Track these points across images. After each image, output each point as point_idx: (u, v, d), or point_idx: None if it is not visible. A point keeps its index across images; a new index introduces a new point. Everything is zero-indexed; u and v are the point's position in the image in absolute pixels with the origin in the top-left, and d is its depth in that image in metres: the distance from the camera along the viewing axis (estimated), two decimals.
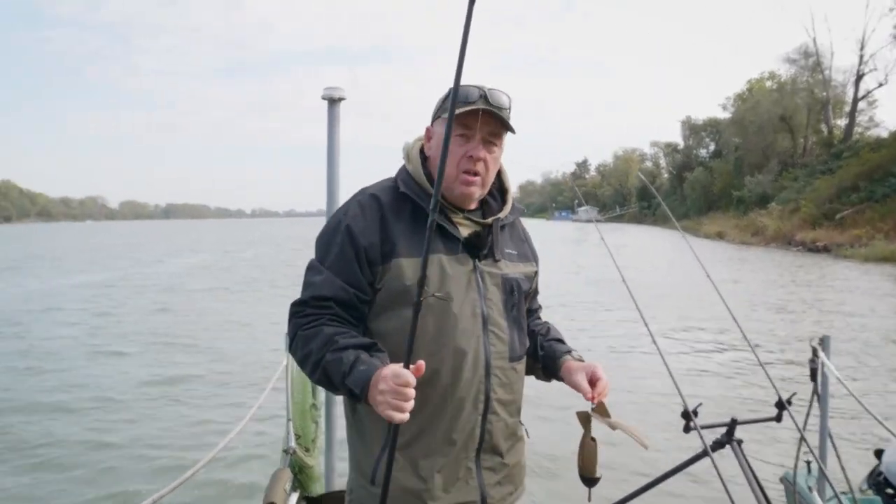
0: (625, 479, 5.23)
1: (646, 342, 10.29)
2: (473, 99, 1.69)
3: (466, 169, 1.73)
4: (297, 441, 3.12)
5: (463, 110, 1.67)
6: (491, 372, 1.75)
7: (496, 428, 1.78)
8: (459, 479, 1.74)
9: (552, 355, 1.94)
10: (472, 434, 1.74)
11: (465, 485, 1.75)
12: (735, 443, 3.02)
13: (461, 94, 1.69)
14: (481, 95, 1.70)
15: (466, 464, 1.75)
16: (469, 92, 1.69)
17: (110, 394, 9.00)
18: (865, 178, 40.09)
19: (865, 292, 19.59)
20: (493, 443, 1.79)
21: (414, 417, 1.66)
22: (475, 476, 1.76)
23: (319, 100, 3.25)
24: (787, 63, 63.06)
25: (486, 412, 1.75)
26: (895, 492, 3.77)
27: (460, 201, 1.79)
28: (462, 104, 1.67)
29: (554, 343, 1.98)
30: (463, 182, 1.74)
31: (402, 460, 1.70)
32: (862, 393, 8.59)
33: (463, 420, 1.72)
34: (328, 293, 1.68)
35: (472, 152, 1.71)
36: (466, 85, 1.70)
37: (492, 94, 1.70)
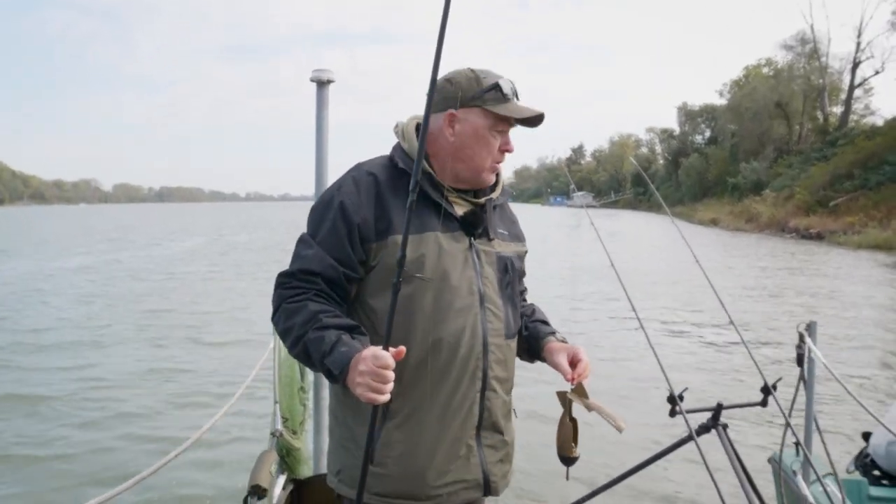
0: (610, 463, 5.28)
1: (634, 327, 10.36)
2: (507, 92, 1.73)
3: (499, 160, 1.79)
4: (284, 423, 3.11)
5: (525, 115, 1.73)
6: (488, 349, 1.75)
7: (495, 405, 1.79)
8: (460, 456, 1.73)
9: (535, 336, 1.94)
10: (470, 411, 1.73)
11: (466, 462, 1.74)
12: (720, 427, 3.03)
13: (506, 85, 1.73)
14: (513, 90, 1.74)
15: (467, 441, 1.74)
16: (508, 86, 1.73)
17: (98, 374, 9.02)
18: (860, 166, 40.18)
19: (857, 279, 19.69)
20: (493, 420, 1.79)
21: (412, 394, 1.69)
22: (476, 454, 1.76)
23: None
24: (784, 50, 63.15)
25: (485, 389, 1.75)
26: (882, 473, 3.81)
27: (479, 185, 1.82)
28: (506, 95, 1.72)
29: (538, 324, 1.98)
30: (491, 171, 1.79)
31: (401, 438, 1.70)
32: (850, 378, 8.67)
33: (461, 396, 1.72)
34: (316, 268, 1.67)
35: (505, 146, 1.77)
36: (499, 77, 1.74)
37: (517, 89, 1.76)
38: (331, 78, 3.23)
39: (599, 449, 5.67)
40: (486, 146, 1.73)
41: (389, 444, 1.70)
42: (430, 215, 1.71)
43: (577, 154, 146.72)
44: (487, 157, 1.75)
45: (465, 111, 1.73)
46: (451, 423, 1.71)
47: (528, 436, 6.31)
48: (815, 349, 3.19)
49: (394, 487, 1.70)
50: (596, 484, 3.59)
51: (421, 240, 1.69)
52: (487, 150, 1.74)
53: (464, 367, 1.71)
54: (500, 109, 1.70)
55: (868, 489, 3.64)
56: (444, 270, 1.69)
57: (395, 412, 1.70)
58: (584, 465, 5.50)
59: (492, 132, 1.73)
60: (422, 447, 1.69)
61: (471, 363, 1.72)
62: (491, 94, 1.71)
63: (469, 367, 1.72)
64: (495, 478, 1.80)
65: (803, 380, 3.27)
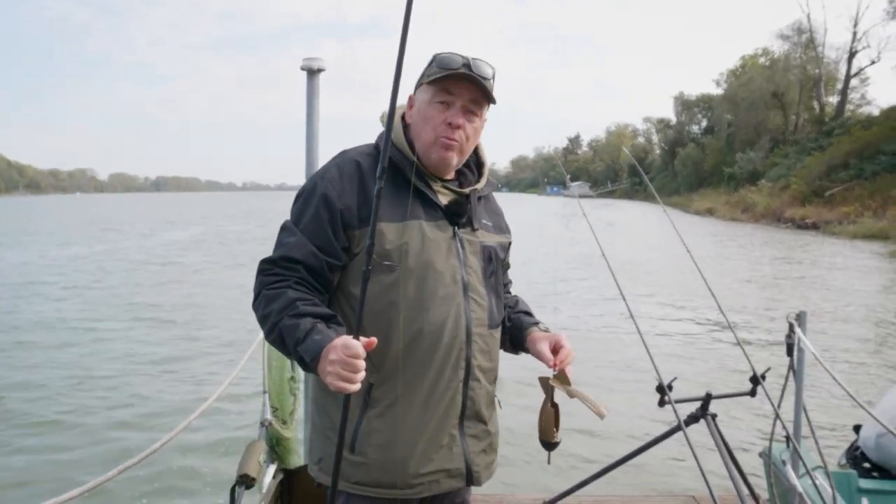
0: (600, 452, 5.29)
1: (625, 316, 10.40)
2: (456, 66, 1.68)
3: (445, 135, 1.72)
4: (273, 413, 3.11)
5: (444, 74, 1.68)
6: (471, 338, 1.74)
7: (478, 395, 1.78)
8: (443, 445, 1.73)
9: (519, 327, 1.93)
10: (453, 400, 1.73)
11: (448, 452, 1.74)
12: (709, 417, 3.04)
13: (444, 61, 1.69)
14: (464, 63, 1.68)
15: (450, 430, 1.73)
16: (452, 59, 1.69)
17: (85, 362, 9.06)
18: (856, 156, 40.23)
19: (851, 269, 19.74)
20: (476, 410, 1.78)
21: (394, 383, 1.68)
22: (459, 443, 1.75)
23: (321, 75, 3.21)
24: (780, 39, 63.05)
25: (468, 378, 1.74)
26: (872, 465, 3.83)
27: (438, 168, 1.77)
28: (445, 69, 1.68)
29: (521, 315, 1.97)
30: (441, 146, 1.72)
31: (382, 427, 1.69)
32: (842, 368, 8.71)
33: (443, 385, 1.71)
34: (298, 256, 1.66)
35: (451, 119, 1.70)
36: (451, 53, 1.71)
37: (475, 63, 1.69)
38: (321, 67, 3.22)
39: (589, 439, 5.69)
40: (427, 120, 1.72)
41: (370, 432, 1.69)
42: (415, 204, 1.71)
43: (573, 144, 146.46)
44: (430, 131, 1.72)
45: (418, 90, 1.77)
46: (434, 413, 1.70)
47: (522, 426, 6.36)
48: (805, 339, 3.19)
49: (374, 476, 1.69)
50: (586, 473, 3.61)
51: (405, 228, 1.68)
52: (428, 123, 1.72)
53: (447, 357, 1.70)
54: (433, 78, 1.70)
55: (858, 481, 3.65)
56: (427, 259, 1.68)
57: (376, 401, 1.69)
58: (573, 454, 5.55)
59: (432, 105, 1.71)
60: (403, 436, 1.69)
61: (454, 352, 1.71)
62: (431, 68, 1.72)
63: (452, 356, 1.71)
64: (478, 468, 1.79)
65: (793, 370, 3.27)
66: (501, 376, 1.91)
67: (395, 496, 1.71)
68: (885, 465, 3.78)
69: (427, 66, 1.74)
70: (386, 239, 1.65)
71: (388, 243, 1.65)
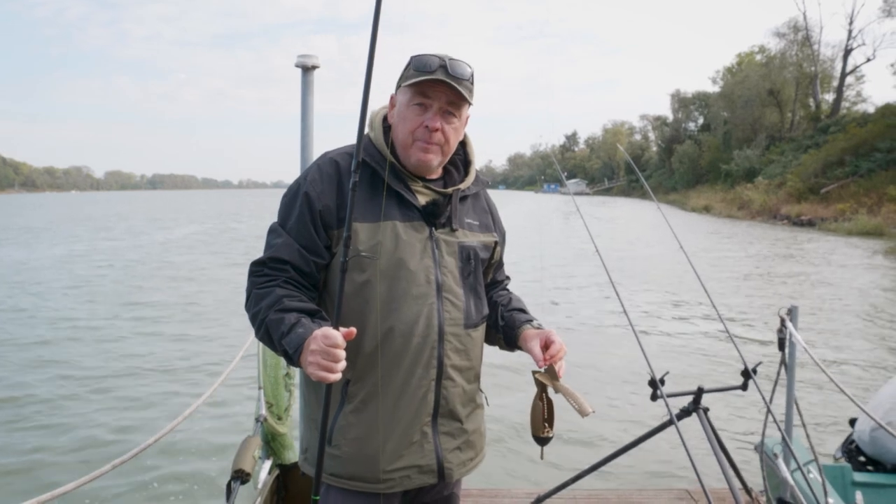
0: (593, 447, 5.32)
1: (619, 311, 10.48)
2: (433, 68, 1.69)
3: (422, 138, 1.74)
4: (269, 409, 3.13)
5: (420, 79, 1.69)
6: (444, 338, 1.76)
7: (452, 393, 1.80)
8: (414, 442, 1.76)
9: (512, 325, 1.94)
10: (425, 398, 1.76)
11: (419, 448, 1.77)
12: (701, 411, 3.06)
13: (420, 64, 1.70)
14: (441, 65, 1.69)
15: (422, 428, 1.77)
16: (429, 61, 1.70)
17: (80, 359, 9.08)
18: (851, 153, 40.27)
19: (845, 266, 19.79)
20: (450, 408, 1.81)
21: (367, 380, 1.72)
22: (431, 440, 1.78)
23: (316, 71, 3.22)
24: (776, 37, 63.09)
25: (441, 377, 1.77)
26: (867, 459, 3.86)
27: (418, 169, 1.79)
28: (421, 73, 1.69)
29: (515, 313, 1.98)
30: (419, 149, 1.75)
31: (355, 422, 1.74)
32: (837, 364, 8.74)
33: (414, 384, 1.74)
34: (286, 256, 1.70)
35: (428, 122, 1.72)
36: (428, 54, 1.71)
37: (452, 65, 1.70)
38: (315, 63, 3.23)
39: (582, 434, 5.72)
40: (405, 121, 1.74)
41: (345, 427, 1.74)
42: (391, 204, 1.74)
43: (570, 141, 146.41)
44: (407, 133, 1.74)
45: (398, 92, 1.79)
46: (405, 410, 1.74)
47: (516, 421, 6.40)
48: (796, 333, 3.21)
49: (347, 469, 1.75)
50: (580, 468, 3.63)
51: (378, 228, 1.71)
52: (406, 125, 1.74)
53: (417, 355, 1.73)
54: (409, 82, 1.71)
55: (852, 475, 3.67)
56: (399, 259, 1.71)
57: (352, 396, 1.74)
58: (567, 449, 5.56)
59: (410, 107, 1.73)
60: (375, 432, 1.73)
61: (425, 351, 1.74)
62: (409, 70, 1.73)
63: (423, 355, 1.74)
64: (450, 464, 1.81)
65: (784, 364, 3.29)
66: (500, 371, 1.92)
67: (367, 489, 1.75)
68: (880, 459, 3.81)
69: (405, 68, 1.75)
70: (359, 239, 1.69)
71: (361, 243, 1.69)
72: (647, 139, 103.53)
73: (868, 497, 3.61)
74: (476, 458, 1.92)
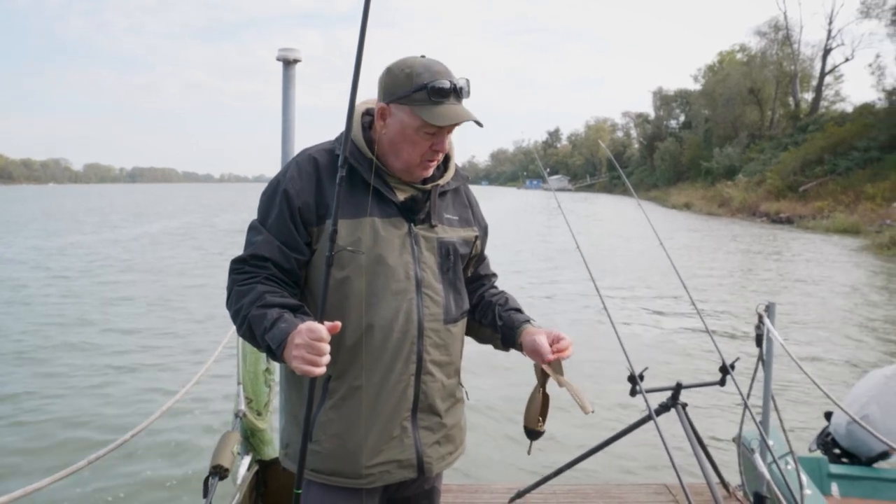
0: (572, 443, 5.34)
1: (598, 307, 10.56)
2: (447, 90, 1.67)
3: (430, 159, 1.76)
4: (248, 404, 3.11)
5: (446, 123, 1.66)
6: (424, 333, 1.77)
7: (432, 388, 1.81)
8: (394, 437, 1.77)
9: (510, 325, 1.94)
10: (404, 394, 1.76)
11: (399, 443, 1.77)
12: (680, 406, 3.09)
13: (435, 90, 1.66)
14: (452, 89, 1.68)
15: (402, 423, 1.77)
16: (442, 85, 1.66)
17: (60, 354, 9.01)
18: (829, 152, 40.74)
19: (823, 263, 20.04)
20: (430, 403, 1.81)
21: (346, 376, 1.73)
22: (411, 435, 1.79)
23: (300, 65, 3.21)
24: (757, 36, 63.68)
25: (420, 372, 1.78)
26: (842, 451, 3.92)
27: (413, 180, 1.81)
28: (435, 99, 1.66)
29: (512, 313, 1.98)
30: (423, 169, 1.77)
31: (335, 417, 1.74)
32: (813, 359, 8.85)
33: (394, 379, 1.75)
34: (267, 253, 1.71)
35: (437, 146, 1.73)
36: (437, 79, 1.66)
37: (459, 86, 1.70)
38: (297, 57, 3.21)
39: (562, 429, 5.74)
40: (412, 145, 1.72)
41: (326, 423, 1.75)
42: (370, 201, 1.74)
43: (553, 138, 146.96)
44: (416, 156, 1.73)
45: (396, 107, 1.72)
46: (385, 405, 1.75)
47: (497, 418, 6.43)
48: (773, 330, 3.25)
49: (328, 465, 1.76)
50: (560, 463, 3.65)
51: (357, 224, 1.71)
52: (414, 149, 1.72)
53: (397, 351, 1.74)
54: (424, 114, 1.67)
55: (828, 467, 3.73)
56: (379, 255, 1.72)
57: (332, 392, 1.75)
58: (547, 444, 5.58)
59: (419, 133, 1.70)
60: (355, 427, 1.73)
61: (405, 347, 1.74)
62: (420, 94, 1.67)
63: (403, 350, 1.74)
64: (430, 459, 1.82)
65: (762, 360, 3.33)
66: (481, 367, 1.93)
67: (348, 485, 1.76)
68: (855, 452, 3.87)
69: (414, 89, 1.67)
70: (340, 235, 1.68)
71: (342, 239, 1.68)
72: (629, 136, 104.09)
73: (843, 488, 3.68)
74: (455, 452, 1.93)
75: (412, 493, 1.92)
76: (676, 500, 3.77)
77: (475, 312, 2.01)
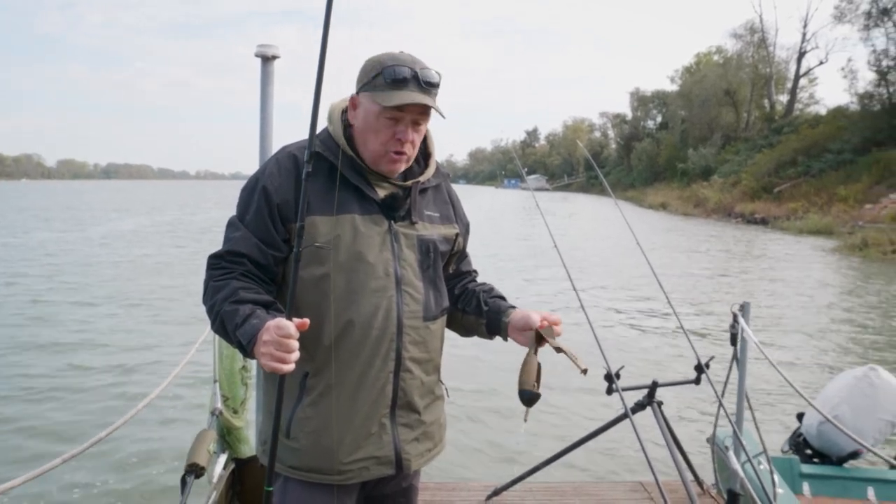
0: (549, 441, 5.37)
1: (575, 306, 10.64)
2: (405, 77, 1.68)
3: (394, 149, 1.74)
4: (224, 402, 3.10)
5: (397, 103, 1.67)
6: (403, 330, 1.77)
7: (411, 385, 1.81)
8: (372, 434, 1.77)
9: (497, 310, 1.95)
10: (383, 390, 1.77)
11: (378, 440, 1.78)
12: (655, 404, 3.12)
13: (392, 76, 1.67)
14: (413, 76, 1.68)
15: (380, 420, 1.78)
16: (400, 72, 1.68)
17: (35, 352, 8.89)
18: (803, 154, 41.30)
19: (796, 263, 20.30)
20: (408, 400, 1.82)
21: (325, 373, 1.73)
22: (389, 432, 1.79)
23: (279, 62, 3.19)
24: (733, 38, 64.34)
25: (399, 369, 1.78)
26: (813, 452, 3.98)
27: (385, 174, 1.80)
28: (393, 83, 1.67)
29: (498, 300, 2.00)
30: (390, 161, 1.76)
31: (313, 414, 1.74)
32: (787, 359, 8.97)
33: (372, 376, 1.75)
34: (243, 250, 1.71)
35: (400, 136, 1.73)
36: (397, 62, 1.69)
37: (423, 73, 1.69)
38: (275, 54, 3.20)
39: (538, 427, 5.77)
40: (375, 133, 1.73)
41: (304, 419, 1.75)
42: (350, 198, 1.74)
43: (531, 137, 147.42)
44: (379, 145, 1.74)
45: (363, 96, 1.74)
46: (364, 402, 1.75)
47: (475, 418, 6.44)
48: (748, 329, 3.29)
49: (306, 461, 1.76)
50: (536, 461, 3.67)
51: (337, 221, 1.71)
52: (377, 137, 1.73)
53: (376, 348, 1.74)
54: (382, 99, 1.68)
55: (800, 467, 3.79)
56: (358, 252, 1.72)
57: (310, 389, 1.75)
58: (523, 442, 5.60)
59: (380, 119, 1.71)
60: (333, 424, 1.73)
61: (383, 344, 1.75)
62: (378, 80, 1.69)
63: (382, 347, 1.75)
64: (408, 455, 1.83)
65: (736, 359, 3.37)
66: (461, 365, 1.93)
67: (326, 481, 1.76)
68: (826, 452, 3.93)
69: (374, 74, 1.71)
70: (318, 232, 1.69)
71: (321, 236, 1.69)
72: (606, 136, 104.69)
73: (815, 488, 3.73)
74: (434, 449, 1.94)
75: (390, 491, 1.92)
76: (652, 498, 3.80)
77: (458, 302, 2.01)
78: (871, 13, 41.58)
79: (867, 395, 3.80)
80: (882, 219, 27.45)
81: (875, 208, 30.15)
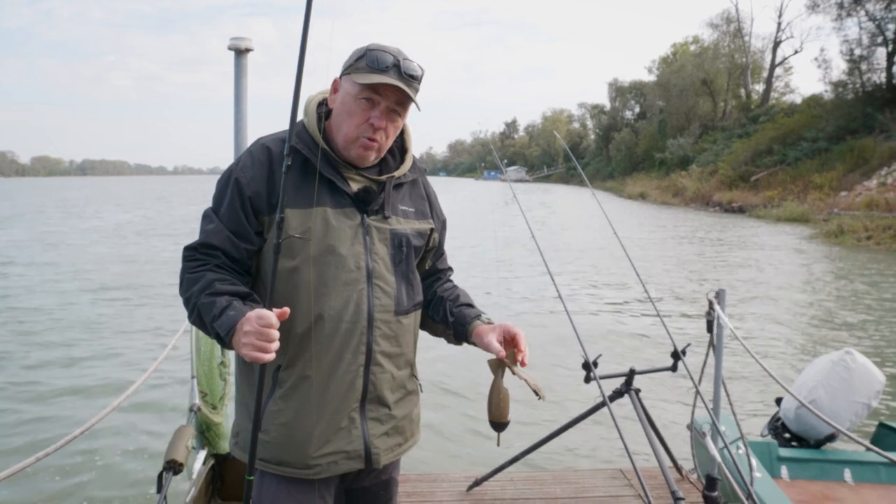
0: (528, 430, 5.40)
1: (553, 295, 10.71)
2: (386, 65, 1.69)
3: (366, 135, 1.74)
4: (203, 398, 3.08)
5: (375, 82, 1.68)
6: (373, 324, 1.77)
7: (381, 380, 1.81)
8: (342, 428, 1.77)
9: (462, 321, 1.94)
10: (352, 384, 1.76)
11: (347, 434, 1.77)
12: (633, 392, 3.15)
13: (374, 61, 1.69)
14: (394, 64, 1.69)
15: (350, 413, 1.77)
16: (383, 57, 1.69)
17: (12, 347, 8.82)
18: (779, 142, 41.70)
19: (774, 251, 20.53)
20: (378, 394, 1.81)
21: (296, 366, 1.73)
22: (359, 426, 1.79)
23: (252, 55, 3.17)
24: (710, 28, 64.80)
25: (369, 363, 1.78)
26: (791, 436, 4.04)
27: (354, 161, 1.80)
28: (374, 70, 1.68)
29: (464, 308, 1.98)
30: (361, 146, 1.75)
31: (284, 407, 1.74)
32: (764, 345, 9.08)
33: (342, 370, 1.74)
34: (216, 242, 1.71)
35: (374, 121, 1.72)
36: (381, 49, 1.71)
37: (405, 65, 1.70)
38: (249, 46, 3.18)
39: (518, 417, 5.78)
40: (350, 116, 1.73)
41: (275, 412, 1.75)
42: (322, 191, 1.74)
43: (510, 129, 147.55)
44: (353, 128, 1.74)
45: (345, 79, 1.76)
46: (333, 395, 1.75)
47: (452, 409, 6.45)
48: (724, 316, 3.33)
49: (276, 454, 1.76)
50: (516, 450, 3.69)
51: (309, 214, 1.71)
52: (352, 119, 1.73)
53: (346, 342, 1.74)
54: (360, 77, 1.70)
55: (778, 450, 3.85)
56: (329, 245, 1.72)
57: (282, 382, 1.75)
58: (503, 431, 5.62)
59: (357, 101, 1.72)
60: (303, 418, 1.74)
61: (354, 338, 1.74)
62: (360, 62, 1.71)
63: (352, 341, 1.74)
64: (377, 450, 1.82)
65: (712, 346, 3.40)
66: (439, 363, 1.92)
67: (296, 475, 1.76)
68: (804, 436, 4.00)
69: (357, 58, 1.73)
70: (290, 225, 1.69)
71: (293, 229, 1.69)
72: (585, 127, 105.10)
73: (792, 471, 3.79)
74: (406, 443, 1.93)
75: (369, 484, 1.92)
76: (631, 485, 3.83)
77: (428, 308, 2.01)
78: (843, 3, 42.03)
79: (843, 379, 3.86)
80: (857, 206, 27.77)
81: (850, 196, 30.51)
